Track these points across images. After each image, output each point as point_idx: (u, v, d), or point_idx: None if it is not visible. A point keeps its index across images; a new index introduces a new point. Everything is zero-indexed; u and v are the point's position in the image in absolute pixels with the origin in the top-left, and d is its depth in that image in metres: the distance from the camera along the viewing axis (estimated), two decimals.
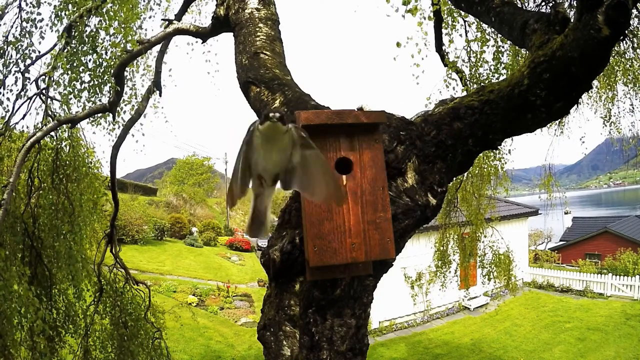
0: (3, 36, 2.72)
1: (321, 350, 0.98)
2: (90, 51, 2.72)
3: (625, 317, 10.57)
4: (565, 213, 21.51)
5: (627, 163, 5.83)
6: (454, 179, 1.99)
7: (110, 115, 3.28)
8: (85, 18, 2.62)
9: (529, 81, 1.06)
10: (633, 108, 4.87)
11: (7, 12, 2.72)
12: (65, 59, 2.68)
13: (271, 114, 0.87)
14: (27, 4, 2.70)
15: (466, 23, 4.02)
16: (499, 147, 1.22)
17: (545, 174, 5.64)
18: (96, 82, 2.88)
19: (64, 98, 2.86)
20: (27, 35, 2.66)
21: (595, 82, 4.44)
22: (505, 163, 5.23)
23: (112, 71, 2.82)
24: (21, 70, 2.72)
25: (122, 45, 2.65)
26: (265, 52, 1.47)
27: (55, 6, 2.73)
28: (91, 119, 3.45)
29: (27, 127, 3.10)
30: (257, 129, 0.89)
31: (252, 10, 1.62)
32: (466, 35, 4.09)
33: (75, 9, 2.66)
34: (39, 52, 2.79)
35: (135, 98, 3.75)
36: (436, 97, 4.32)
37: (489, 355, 9.03)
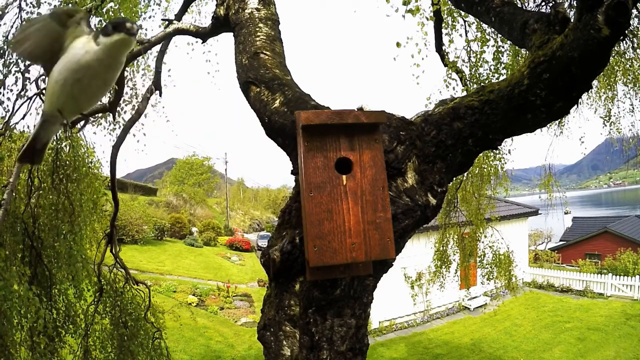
0: (3, 36, 2.72)
1: (321, 350, 0.98)
2: None
3: (625, 317, 10.57)
4: (565, 213, 21.51)
5: (627, 163, 5.83)
6: (454, 179, 1.99)
7: (111, 115, 3.29)
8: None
9: (529, 81, 1.06)
10: (633, 108, 4.88)
11: (7, 12, 2.72)
12: None
13: (129, 24, 0.65)
14: (27, 4, 2.70)
15: (466, 23, 4.02)
16: (499, 147, 1.22)
17: (545, 174, 5.64)
18: None
19: None
20: None
21: (595, 82, 4.44)
22: (505, 163, 5.25)
23: None
24: (21, 70, 2.71)
25: None
26: (265, 52, 1.47)
27: (55, 6, 2.73)
28: (91, 119, 3.45)
29: (27, 127, 3.10)
30: (93, 39, 0.69)
31: (252, 10, 1.62)
32: (466, 35, 4.09)
33: None
34: None
35: (136, 98, 3.76)
36: (436, 97, 4.33)
37: (489, 355, 9.03)
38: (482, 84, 3.90)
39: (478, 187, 5.86)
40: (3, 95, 2.80)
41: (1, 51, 2.67)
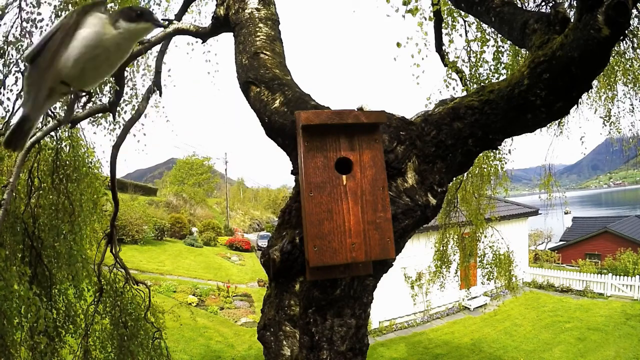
0: (3, 36, 2.72)
1: (321, 350, 0.98)
2: None
3: (625, 317, 10.57)
4: (565, 213, 21.51)
5: (627, 163, 5.84)
6: (454, 179, 1.99)
7: (111, 115, 3.29)
8: None
9: (529, 81, 1.06)
10: (633, 108, 4.88)
11: (7, 12, 2.72)
12: None
13: (156, 15, 0.71)
14: (27, 4, 2.70)
15: (466, 23, 4.02)
16: (499, 147, 1.22)
17: (545, 174, 5.64)
18: None
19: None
20: (27, 35, 2.66)
21: (595, 82, 4.45)
22: (505, 163, 5.25)
23: None
24: (21, 70, 2.71)
25: None
26: (265, 52, 1.47)
27: (55, 6, 2.73)
28: (91, 118, 3.45)
29: None
30: (115, 21, 0.72)
31: (252, 10, 1.62)
32: (466, 35, 4.09)
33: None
34: None
35: (136, 98, 3.76)
36: (436, 97, 4.33)
37: (489, 355, 9.03)
38: (482, 84, 3.90)
39: (478, 187, 5.86)
40: (3, 95, 2.79)
41: (1, 51, 2.67)
